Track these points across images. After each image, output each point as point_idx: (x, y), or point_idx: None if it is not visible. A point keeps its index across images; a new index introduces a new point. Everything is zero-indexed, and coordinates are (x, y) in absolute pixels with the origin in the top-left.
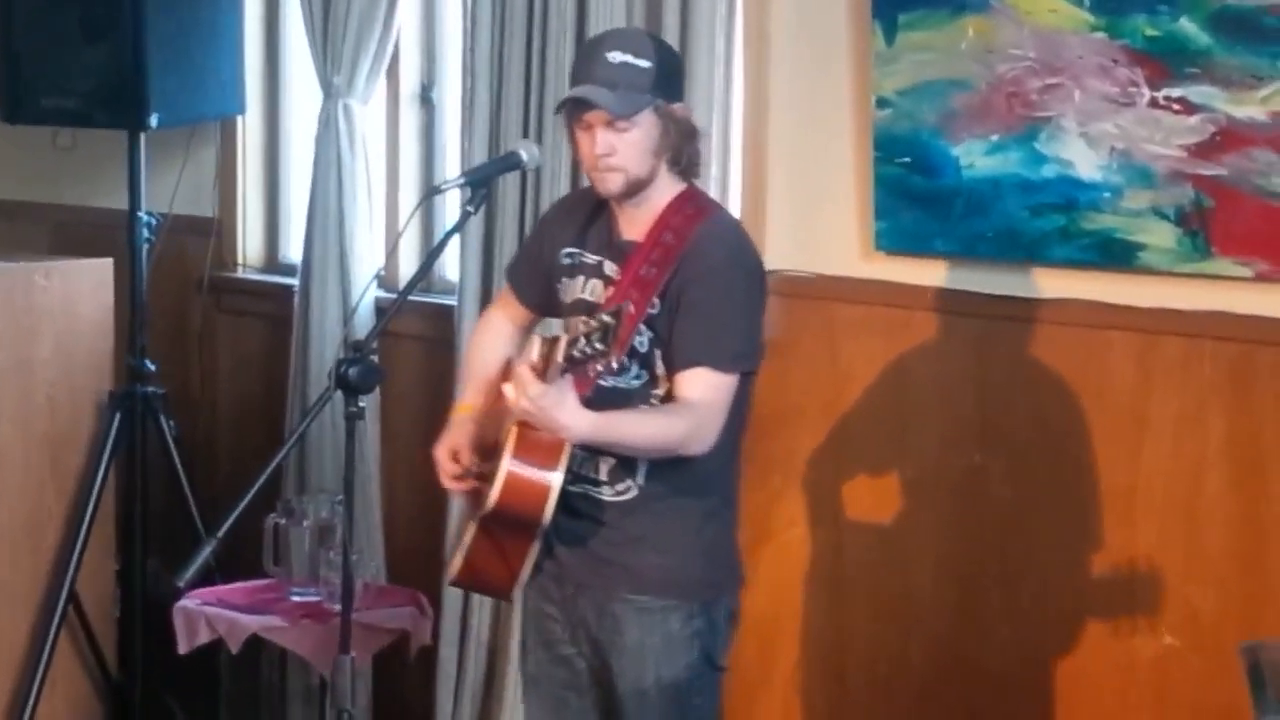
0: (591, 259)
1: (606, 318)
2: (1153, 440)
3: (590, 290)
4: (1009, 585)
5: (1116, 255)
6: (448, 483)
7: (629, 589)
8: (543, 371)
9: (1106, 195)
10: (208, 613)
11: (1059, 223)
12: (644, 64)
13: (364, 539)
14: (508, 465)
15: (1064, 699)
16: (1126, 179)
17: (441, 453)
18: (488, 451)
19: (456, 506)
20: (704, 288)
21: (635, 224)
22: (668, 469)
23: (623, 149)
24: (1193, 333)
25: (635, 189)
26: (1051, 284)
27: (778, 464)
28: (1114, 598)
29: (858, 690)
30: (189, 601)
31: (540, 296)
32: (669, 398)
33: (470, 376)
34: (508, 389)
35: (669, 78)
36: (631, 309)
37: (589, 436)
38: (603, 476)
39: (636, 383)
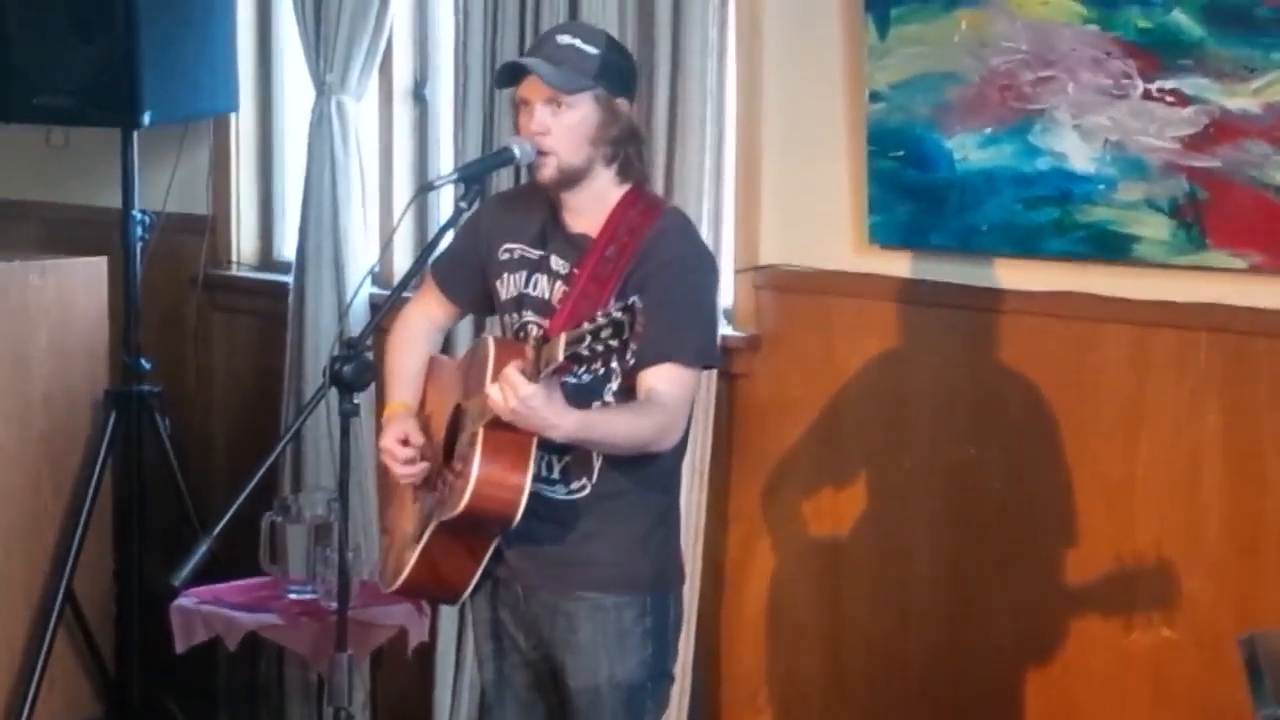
0: (535, 254)
1: (617, 314)
2: (1149, 433)
3: (534, 285)
4: (1005, 578)
5: (1111, 248)
6: (401, 469)
7: (581, 587)
8: (534, 373)
9: (1100, 188)
10: (205, 611)
11: (1053, 215)
12: (591, 50)
13: (360, 536)
14: (478, 470)
15: (1061, 691)
16: (1120, 171)
17: (389, 440)
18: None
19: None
20: (667, 283)
21: (583, 218)
22: (622, 467)
23: (558, 131)
24: (1188, 325)
25: (569, 178)
26: (1046, 277)
27: (773, 458)
28: (1111, 590)
29: (855, 682)
30: (186, 600)
31: (471, 294)
32: (622, 393)
33: (396, 377)
34: (493, 391)
35: (617, 72)
36: (638, 302)
37: (573, 435)
38: (556, 475)
39: (588, 377)
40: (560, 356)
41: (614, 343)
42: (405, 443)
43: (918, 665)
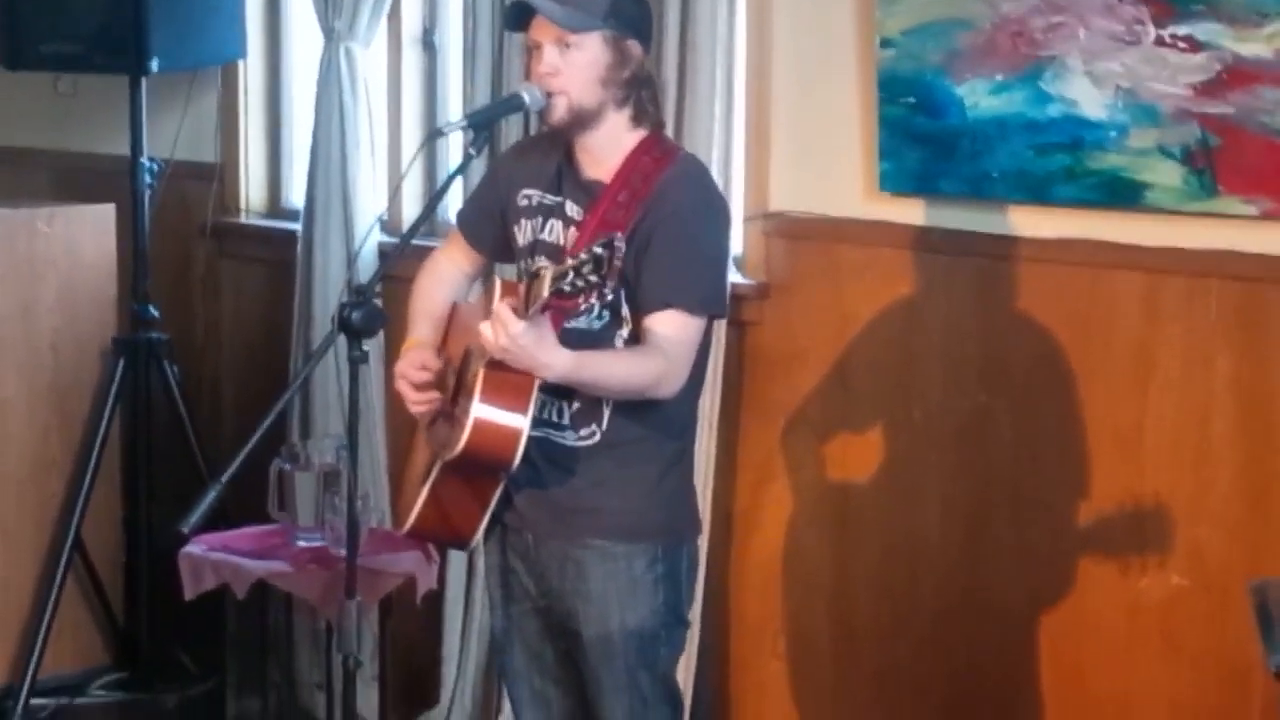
0: (551, 199)
1: (598, 249)
2: (1159, 380)
3: (549, 231)
4: (1016, 526)
5: (1122, 194)
6: (414, 394)
7: (591, 534)
8: (523, 310)
9: (1112, 134)
10: (213, 559)
11: (1064, 162)
12: None
13: (369, 483)
14: (476, 409)
15: (1071, 639)
16: (1132, 118)
17: (405, 365)
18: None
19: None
20: (675, 229)
21: (599, 164)
22: (632, 413)
23: (567, 71)
24: (1199, 272)
25: (581, 120)
26: (1057, 224)
27: (782, 406)
28: (1121, 538)
29: (864, 632)
30: (194, 547)
31: (494, 241)
32: (633, 340)
33: (417, 317)
34: (485, 328)
35: (627, 14)
36: (621, 241)
37: (566, 375)
38: (565, 421)
39: (599, 324)
40: (546, 292)
41: (593, 278)
42: (422, 369)
43: (927, 614)
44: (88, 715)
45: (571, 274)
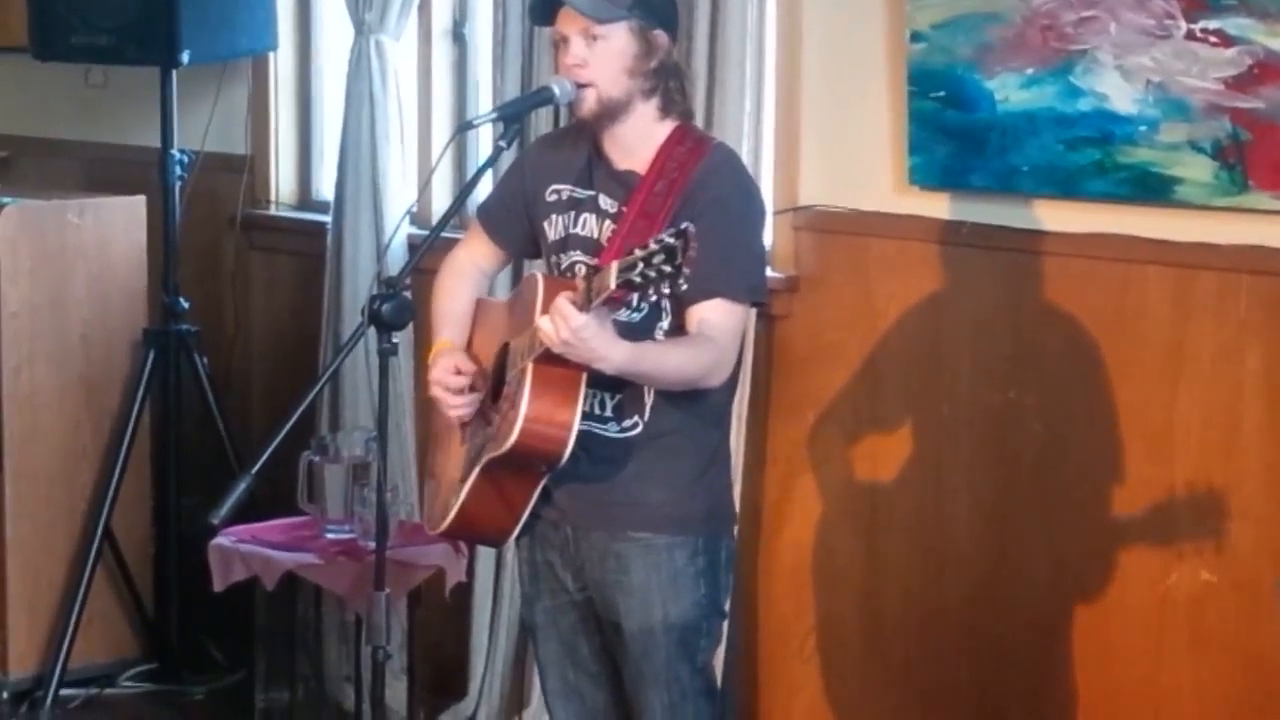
0: (582, 193)
1: (669, 239)
2: (1189, 375)
3: (582, 225)
4: (1045, 521)
5: (1152, 189)
6: (452, 399)
7: (632, 526)
8: (584, 303)
9: (1142, 129)
10: (243, 550)
11: (1094, 157)
12: None
13: (398, 476)
14: (526, 405)
15: (1100, 635)
16: (1163, 112)
17: (440, 372)
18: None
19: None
20: (716, 219)
21: (630, 155)
22: (675, 403)
23: (595, 62)
24: (1229, 267)
25: (609, 111)
26: (1087, 218)
27: (811, 400)
28: (1150, 533)
29: (892, 625)
30: (224, 539)
31: (519, 237)
32: (674, 331)
33: (443, 318)
34: (544, 323)
35: (654, 4)
36: (694, 229)
37: (623, 367)
38: (608, 412)
39: (638, 316)
40: (612, 284)
41: (667, 268)
42: (457, 373)
43: (955, 609)
44: (117, 706)
45: (641, 264)
